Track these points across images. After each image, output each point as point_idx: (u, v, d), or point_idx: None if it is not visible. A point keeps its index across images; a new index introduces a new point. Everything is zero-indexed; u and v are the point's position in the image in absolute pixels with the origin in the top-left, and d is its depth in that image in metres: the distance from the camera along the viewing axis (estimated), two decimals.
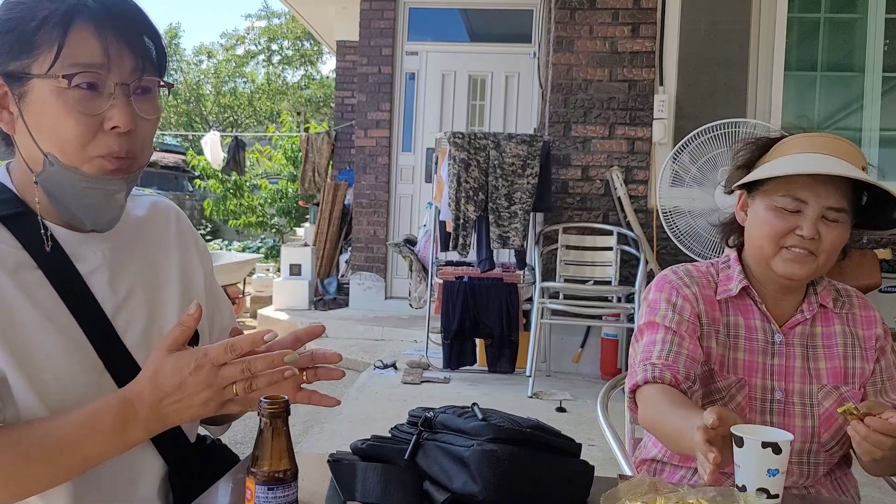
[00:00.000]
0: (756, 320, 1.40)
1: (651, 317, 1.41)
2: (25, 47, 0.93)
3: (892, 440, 1.11)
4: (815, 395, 1.36)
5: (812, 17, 4.82)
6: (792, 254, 1.32)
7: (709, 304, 1.41)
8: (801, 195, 1.30)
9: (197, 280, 1.18)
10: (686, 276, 1.44)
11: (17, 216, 0.99)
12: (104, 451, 0.93)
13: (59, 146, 0.94)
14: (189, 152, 11.03)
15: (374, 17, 6.72)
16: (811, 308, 1.41)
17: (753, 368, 1.38)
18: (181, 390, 0.91)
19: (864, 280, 3.74)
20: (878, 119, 4.66)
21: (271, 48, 22.02)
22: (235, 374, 0.90)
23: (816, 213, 1.30)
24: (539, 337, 4.47)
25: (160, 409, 0.92)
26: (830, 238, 1.31)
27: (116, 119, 0.94)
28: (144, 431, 0.94)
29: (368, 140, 6.81)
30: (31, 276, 0.97)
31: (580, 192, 4.73)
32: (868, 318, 1.43)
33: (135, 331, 1.05)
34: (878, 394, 1.39)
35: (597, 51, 4.67)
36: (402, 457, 1.03)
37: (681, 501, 0.92)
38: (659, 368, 1.31)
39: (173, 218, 1.19)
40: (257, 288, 8.73)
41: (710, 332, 1.39)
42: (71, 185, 0.96)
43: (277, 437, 0.83)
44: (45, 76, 0.92)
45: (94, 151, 0.95)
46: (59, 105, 0.93)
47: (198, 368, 0.90)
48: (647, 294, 1.47)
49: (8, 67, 0.94)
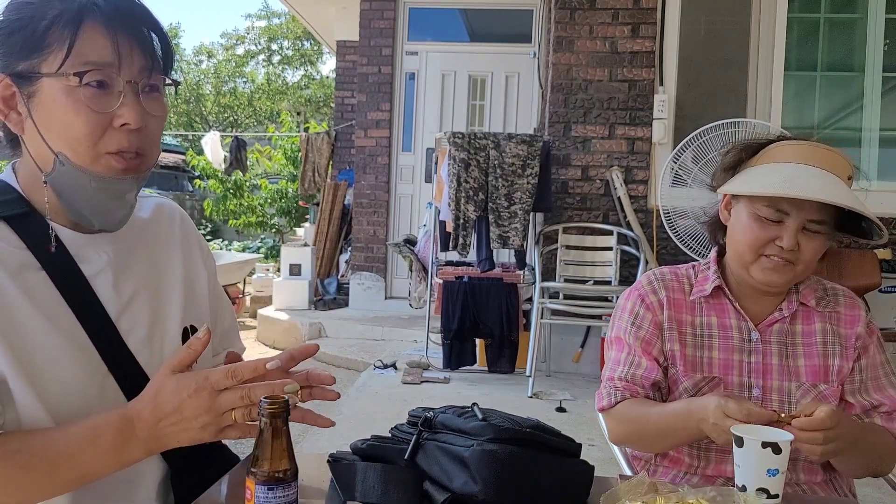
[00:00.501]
0: (731, 319, 1.43)
1: (616, 331, 1.48)
2: (35, 47, 0.93)
3: (821, 434, 1.13)
4: (793, 393, 1.38)
5: (812, 17, 4.82)
6: (771, 262, 1.34)
7: (676, 307, 1.44)
8: (783, 207, 1.32)
9: (200, 282, 1.18)
10: (658, 280, 1.48)
11: (23, 216, 0.99)
12: (102, 467, 0.93)
13: (70, 144, 0.95)
14: (189, 152, 11.03)
15: (374, 16, 6.72)
16: (791, 306, 1.42)
17: (729, 366, 1.40)
18: (179, 412, 0.91)
19: (864, 280, 3.74)
20: (878, 119, 4.66)
21: (271, 48, 22.02)
22: (235, 400, 0.91)
23: (798, 225, 1.32)
24: (539, 337, 4.47)
25: (158, 430, 0.92)
26: (810, 249, 1.33)
27: (127, 116, 0.95)
28: (143, 451, 0.94)
29: (368, 140, 6.81)
30: (34, 277, 0.97)
31: (580, 192, 4.73)
32: (852, 316, 1.43)
33: (138, 333, 1.05)
34: (855, 392, 1.39)
35: (597, 51, 4.67)
36: (402, 457, 1.03)
37: (681, 501, 0.92)
38: (621, 391, 1.40)
39: (178, 220, 1.19)
40: (257, 288, 8.74)
41: (672, 336, 1.42)
42: (81, 184, 0.96)
43: (277, 437, 0.83)
44: (55, 75, 0.93)
45: (104, 148, 0.96)
46: (69, 103, 0.93)
47: (198, 391, 0.90)
48: (620, 300, 1.52)
49: (17, 68, 0.95)
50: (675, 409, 1.31)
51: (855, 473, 1.39)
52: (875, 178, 4.67)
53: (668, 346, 1.42)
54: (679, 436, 1.31)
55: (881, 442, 1.35)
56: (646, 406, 1.37)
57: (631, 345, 1.43)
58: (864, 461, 1.33)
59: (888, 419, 1.37)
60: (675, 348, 1.41)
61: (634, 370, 1.41)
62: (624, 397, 1.39)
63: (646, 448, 1.45)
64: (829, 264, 3.95)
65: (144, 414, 0.92)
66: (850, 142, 4.74)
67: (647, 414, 1.36)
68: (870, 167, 4.68)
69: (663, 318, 1.43)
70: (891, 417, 1.37)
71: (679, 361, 1.41)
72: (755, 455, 1.05)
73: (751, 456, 1.06)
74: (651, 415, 1.35)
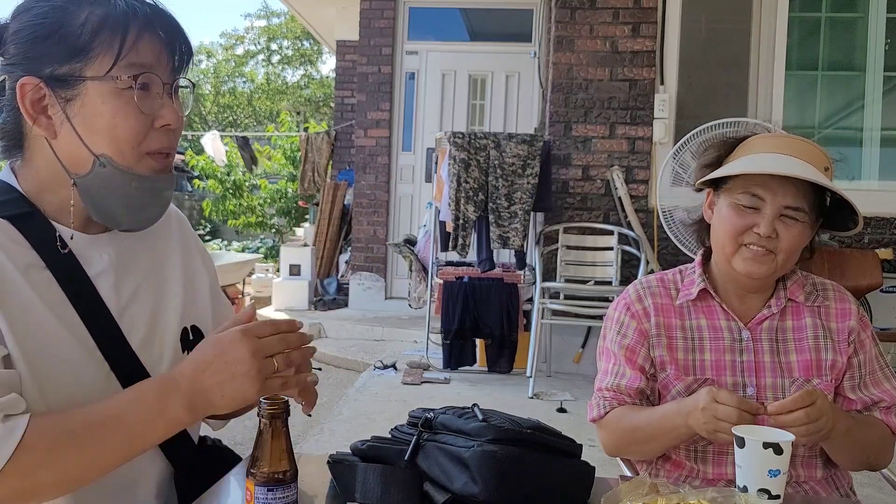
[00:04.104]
0: (720, 320, 1.43)
1: (604, 341, 1.51)
2: (77, 51, 0.95)
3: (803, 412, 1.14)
4: (786, 389, 1.38)
5: (813, 16, 4.82)
6: (751, 252, 1.35)
7: (664, 312, 1.45)
8: (758, 193, 1.34)
9: (200, 283, 1.19)
10: (644, 289, 1.49)
11: (26, 216, 0.99)
12: (147, 429, 0.92)
13: (117, 146, 0.97)
14: (188, 152, 11.01)
15: (373, 16, 6.72)
16: (779, 303, 1.42)
17: (722, 367, 1.40)
18: (222, 358, 0.91)
19: (865, 280, 3.74)
20: (879, 118, 4.66)
21: (271, 48, 22.02)
22: (275, 345, 0.93)
23: (773, 212, 1.33)
24: (539, 337, 4.46)
25: (202, 382, 0.92)
26: (789, 237, 1.33)
27: (168, 117, 1.00)
28: (185, 408, 0.92)
29: (368, 140, 6.81)
30: (40, 277, 0.97)
31: (581, 192, 4.73)
32: (842, 310, 1.43)
33: (138, 334, 1.05)
34: (856, 388, 1.40)
35: (597, 50, 4.67)
36: (402, 458, 1.03)
37: (682, 502, 0.92)
38: (608, 402, 1.43)
39: (175, 221, 1.20)
40: (257, 288, 8.74)
41: (660, 342, 1.43)
42: (121, 185, 0.99)
43: (277, 438, 0.83)
44: (104, 78, 0.95)
45: (145, 149, 0.99)
46: (119, 105, 0.96)
47: (240, 337, 0.92)
48: (608, 311, 1.54)
49: (51, 72, 0.95)
50: (664, 410, 1.34)
51: (851, 465, 1.40)
52: (876, 177, 4.67)
53: (656, 353, 1.43)
54: (669, 436, 1.32)
55: (877, 433, 1.36)
56: (634, 411, 1.40)
57: (616, 354, 1.46)
58: (859, 451, 1.35)
59: (887, 413, 1.39)
60: (665, 353, 1.42)
61: (619, 380, 1.43)
62: (612, 406, 1.42)
63: (638, 454, 1.47)
64: (831, 265, 3.96)
65: (187, 369, 0.93)
66: (851, 141, 4.74)
67: (636, 419, 1.38)
68: (871, 167, 4.68)
69: (650, 325, 1.44)
70: (889, 411, 1.39)
71: (670, 366, 1.41)
72: (756, 456, 1.05)
73: (752, 456, 1.05)
74: (641, 418, 1.37)
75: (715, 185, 1.43)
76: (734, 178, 1.37)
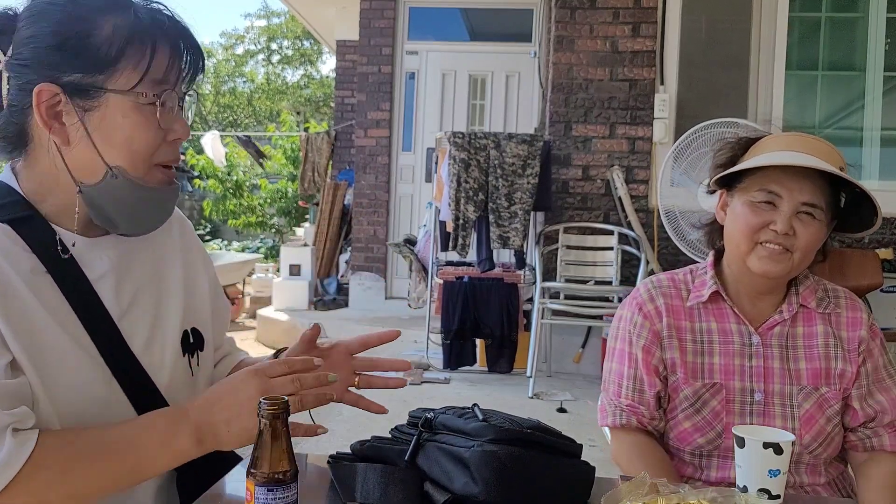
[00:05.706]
0: (731, 323, 1.41)
1: (616, 342, 1.48)
2: (102, 63, 0.94)
3: None
4: (794, 396, 1.36)
5: (813, 16, 4.82)
6: (767, 250, 1.33)
7: (675, 314, 1.43)
8: (775, 189, 1.32)
9: (200, 286, 1.19)
10: (656, 288, 1.46)
11: (26, 220, 0.98)
12: (155, 457, 0.94)
13: (131, 158, 0.98)
14: (188, 152, 11.00)
15: (374, 16, 6.72)
16: (790, 308, 1.40)
17: (731, 371, 1.38)
18: (232, 394, 0.94)
19: (865, 280, 3.74)
20: (880, 118, 4.66)
21: (271, 48, 22.00)
22: (287, 385, 0.94)
23: (791, 209, 1.31)
24: (540, 337, 4.46)
25: (211, 415, 0.94)
26: (806, 235, 1.31)
27: (180, 131, 1.02)
28: (193, 439, 0.94)
29: (368, 140, 6.81)
30: (41, 281, 0.96)
31: (581, 192, 4.73)
32: (854, 319, 1.41)
33: (139, 338, 1.05)
34: (863, 398, 1.37)
35: (597, 50, 4.67)
36: (402, 458, 1.03)
37: (682, 502, 0.92)
38: (626, 414, 1.41)
39: (176, 223, 1.19)
40: (257, 288, 8.73)
41: (672, 343, 1.41)
42: (130, 195, 0.99)
43: (277, 438, 0.83)
44: (128, 93, 0.95)
45: (155, 161, 1.00)
46: (139, 120, 0.97)
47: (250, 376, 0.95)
48: (619, 310, 1.51)
49: (72, 80, 0.94)
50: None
51: None
52: (876, 177, 4.67)
53: (667, 355, 1.41)
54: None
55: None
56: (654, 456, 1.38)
57: (632, 356, 1.42)
58: None
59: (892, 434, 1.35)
60: (676, 356, 1.40)
61: (637, 390, 1.41)
62: (629, 421, 1.40)
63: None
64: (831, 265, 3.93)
65: (199, 401, 0.96)
66: (852, 141, 4.74)
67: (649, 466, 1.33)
68: (871, 167, 4.67)
69: (662, 326, 1.42)
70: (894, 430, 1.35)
71: (680, 369, 1.39)
72: (756, 456, 1.05)
73: (752, 456, 1.05)
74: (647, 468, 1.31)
75: (728, 185, 1.41)
76: (749, 177, 1.35)
